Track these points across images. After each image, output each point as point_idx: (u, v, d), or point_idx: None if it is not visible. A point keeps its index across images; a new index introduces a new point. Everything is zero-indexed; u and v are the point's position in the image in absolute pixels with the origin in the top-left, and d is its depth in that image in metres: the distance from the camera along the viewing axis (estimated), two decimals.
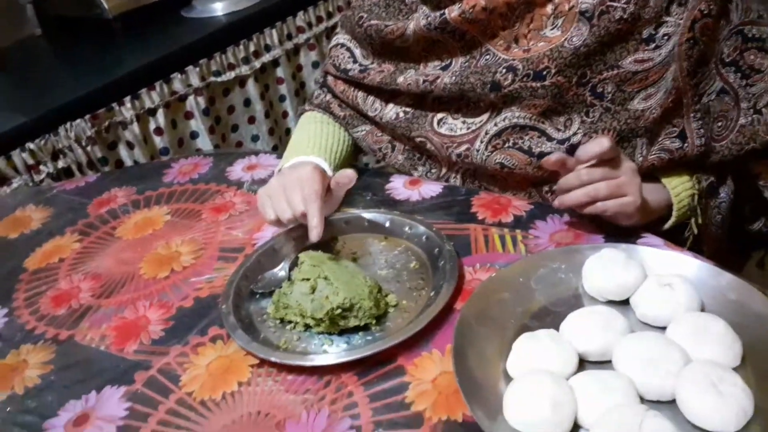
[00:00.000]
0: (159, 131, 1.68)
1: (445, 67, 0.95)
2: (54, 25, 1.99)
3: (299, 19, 1.94)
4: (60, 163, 1.49)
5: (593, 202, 0.81)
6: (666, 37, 0.83)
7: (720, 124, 0.88)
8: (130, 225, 1.08)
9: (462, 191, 1.00)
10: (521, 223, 0.91)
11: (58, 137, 1.48)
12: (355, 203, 1.02)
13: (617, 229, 0.85)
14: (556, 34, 0.86)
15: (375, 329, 0.79)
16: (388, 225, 0.93)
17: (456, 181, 1.04)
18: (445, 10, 0.90)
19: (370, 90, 1.06)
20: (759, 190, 0.93)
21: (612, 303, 0.74)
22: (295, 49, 1.97)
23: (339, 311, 0.77)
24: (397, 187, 1.04)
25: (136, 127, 1.62)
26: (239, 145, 1.92)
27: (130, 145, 1.63)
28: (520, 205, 0.94)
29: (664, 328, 0.69)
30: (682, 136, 0.87)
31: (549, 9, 0.86)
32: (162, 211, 1.10)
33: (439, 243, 0.87)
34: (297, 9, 1.94)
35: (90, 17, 1.90)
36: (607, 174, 0.80)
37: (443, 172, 1.05)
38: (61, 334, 0.87)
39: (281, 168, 1.00)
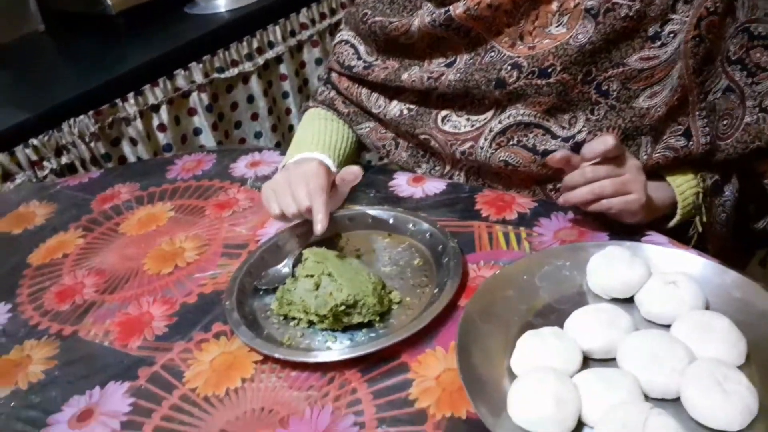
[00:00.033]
0: (162, 127, 1.68)
1: (450, 64, 0.95)
2: (57, 21, 1.99)
3: (302, 15, 1.93)
4: (63, 159, 1.49)
5: (598, 199, 0.80)
6: (672, 34, 0.83)
7: (725, 122, 0.87)
8: (133, 221, 1.08)
9: (466, 188, 1.00)
10: (525, 220, 0.91)
11: (62, 133, 1.48)
12: (359, 200, 1.02)
13: (622, 227, 0.85)
14: (561, 31, 0.86)
15: (378, 326, 0.79)
16: (391, 222, 0.93)
17: (460, 178, 1.04)
18: (450, 7, 0.90)
19: (375, 87, 1.06)
20: (764, 188, 0.93)
21: (616, 301, 0.74)
22: (299, 46, 1.96)
23: (343, 308, 0.77)
24: (401, 184, 1.04)
25: (139, 124, 1.61)
26: (242, 141, 1.92)
27: (134, 142, 1.63)
28: (524, 202, 0.94)
29: (668, 326, 0.69)
30: (687, 134, 0.87)
31: (554, 6, 0.86)
32: (165, 208, 1.10)
33: (443, 240, 0.87)
34: (300, 5, 1.93)
35: (93, 13, 1.90)
36: (611, 171, 0.80)
37: (447, 170, 1.04)
38: (65, 329, 0.87)
39: (285, 164, 1.00)
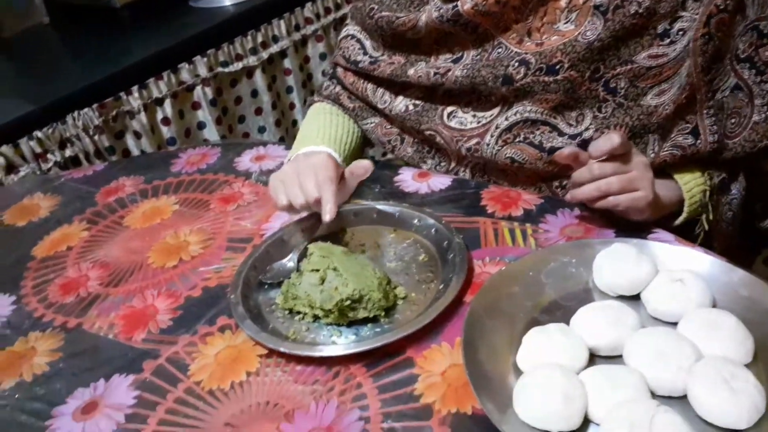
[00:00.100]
0: (166, 121, 1.67)
1: (457, 60, 0.95)
2: (62, 14, 1.99)
3: (307, 10, 1.93)
4: (67, 152, 1.49)
5: (605, 196, 0.80)
6: (681, 32, 0.82)
7: (733, 120, 0.87)
8: (138, 214, 1.08)
9: (471, 184, 1.00)
10: (531, 216, 0.91)
11: (66, 126, 1.48)
12: (364, 195, 1.01)
13: (628, 224, 0.85)
14: (569, 28, 0.86)
15: (384, 321, 0.79)
16: (397, 217, 0.93)
17: (465, 175, 1.03)
18: (458, 2, 0.89)
19: (380, 82, 1.05)
20: None
21: (623, 298, 0.74)
22: (303, 41, 1.96)
23: (348, 302, 0.77)
24: (406, 179, 1.04)
25: (143, 117, 1.61)
26: (246, 136, 1.91)
27: (138, 135, 1.62)
28: (530, 198, 0.94)
29: (675, 324, 0.69)
30: (694, 132, 0.86)
31: (563, 2, 0.86)
32: (170, 201, 1.09)
33: (448, 236, 0.87)
34: (305, 0, 1.93)
35: (98, 6, 1.90)
36: (618, 168, 0.80)
37: (452, 166, 1.04)
38: (69, 322, 0.87)
39: (290, 158, 0.99)
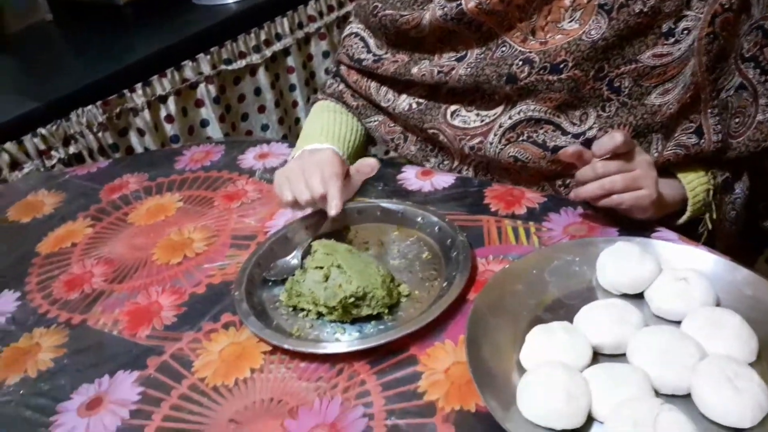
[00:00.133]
0: (170, 119, 1.68)
1: (461, 59, 0.95)
2: (65, 11, 1.99)
3: (310, 8, 1.93)
4: (71, 149, 1.49)
5: (608, 194, 0.80)
6: (686, 31, 0.82)
7: (737, 120, 0.87)
8: (142, 211, 1.08)
9: (475, 182, 1.00)
10: (534, 215, 0.91)
11: (70, 123, 1.48)
12: (367, 193, 1.02)
13: (631, 223, 0.85)
14: (574, 26, 0.86)
15: (387, 318, 0.79)
16: (400, 215, 0.93)
17: (468, 173, 1.03)
18: (462, 1, 0.89)
19: (384, 80, 1.06)
20: None
21: (626, 296, 0.74)
22: (306, 39, 1.96)
23: (352, 300, 0.77)
24: (410, 177, 1.04)
25: (146, 114, 1.62)
26: (249, 133, 1.92)
27: (141, 132, 1.63)
28: (533, 197, 0.94)
29: (678, 323, 0.69)
30: (698, 132, 0.86)
31: (567, 1, 0.86)
32: (174, 198, 1.10)
33: (451, 234, 0.87)
34: None
35: (101, 3, 1.90)
36: (622, 167, 0.80)
37: (455, 165, 1.04)
38: (73, 318, 0.88)
39: (294, 156, 0.99)
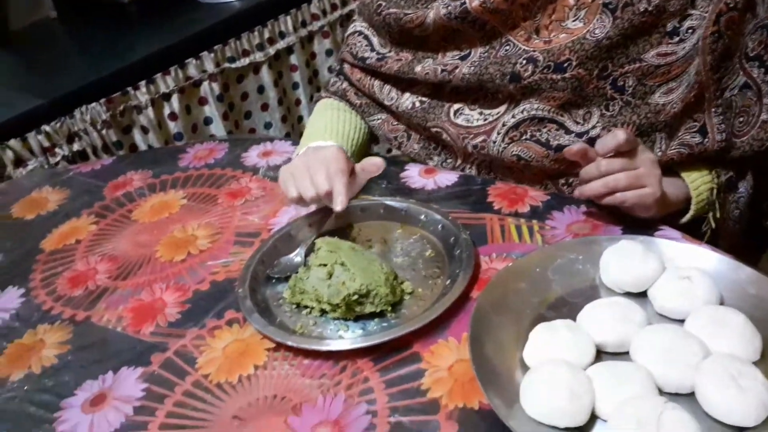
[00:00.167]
0: (173, 116, 1.68)
1: (464, 57, 0.95)
2: (69, 8, 1.99)
3: (314, 6, 1.93)
4: (75, 146, 1.49)
5: (612, 192, 0.80)
6: (690, 30, 0.82)
7: (741, 119, 0.87)
8: (146, 208, 1.08)
9: (478, 181, 1.00)
10: (538, 213, 0.91)
11: (74, 120, 1.48)
12: (370, 191, 1.02)
13: (635, 221, 0.85)
14: (578, 25, 0.86)
15: (390, 316, 0.79)
16: (404, 213, 0.93)
17: (471, 172, 1.03)
18: (466, 0, 0.89)
19: (387, 79, 1.06)
20: None
21: (629, 295, 0.74)
22: (309, 37, 1.96)
23: (355, 297, 0.77)
24: (413, 175, 1.04)
25: (150, 112, 1.62)
26: (252, 131, 1.92)
27: (145, 130, 1.63)
28: (536, 195, 0.94)
29: (682, 321, 0.69)
30: (702, 131, 0.86)
31: (572, 0, 0.86)
32: (178, 195, 1.10)
33: (455, 232, 0.87)
34: None
35: (105, 1, 1.90)
36: (626, 165, 0.80)
37: (458, 163, 1.04)
38: (77, 314, 0.88)
39: (298, 153, 1.00)
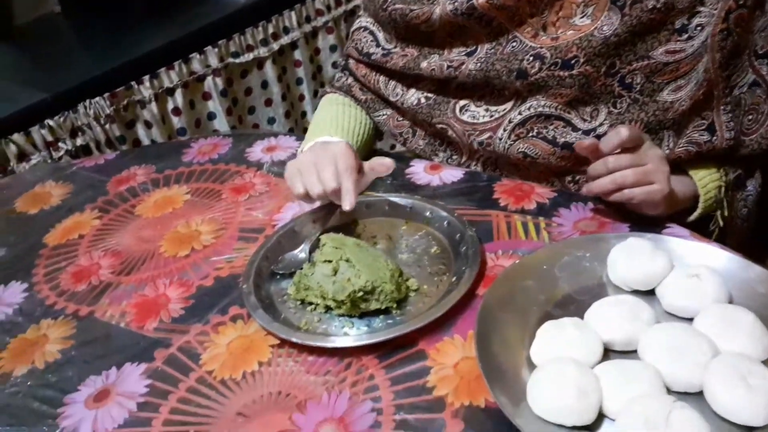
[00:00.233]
0: (177, 111, 1.68)
1: (471, 53, 0.94)
2: (73, 2, 1.99)
3: (318, 1, 1.93)
4: (78, 141, 1.49)
5: (620, 189, 0.79)
6: (699, 27, 0.82)
7: (750, 117, 0.86)
8: (149, 203, 1.08)
9: (484, 177, 0.99)
10: (544, 210, 0.90)
11: (77, 114, 1.48)
12: (376, 188, 1.01)
13: (643, 219, 0.84)
14: (585, 22, 0.85)
15: (396, 313, 0.78)
16: (409, 209, 0.93)
17: (477, 169, 1.03)
18: None
19: (393, 74, 1.05)
20: None
21: (637, 293, 0.74)
22: (314, 32, 1.96)
23: (361, 294, 0.77)
24: (418, 171, 1.04)
25: (154, 107, 1.62)
26: (255, 127, 1.91)
27: (148, 125, 1.63)
28: (543, 192, 0.93)
29: (690, 320, 0.68)
30: (711, 129, 0.86)
31: None
32: (181, 191, 1.09)
33: (460, 228, 0.86)
34: None
35: None
36: (634, 161, 0.79)
37: (464, 160, 1.04)
38: (81, 309, 0.88)
39: (303, 148, 0.99)
